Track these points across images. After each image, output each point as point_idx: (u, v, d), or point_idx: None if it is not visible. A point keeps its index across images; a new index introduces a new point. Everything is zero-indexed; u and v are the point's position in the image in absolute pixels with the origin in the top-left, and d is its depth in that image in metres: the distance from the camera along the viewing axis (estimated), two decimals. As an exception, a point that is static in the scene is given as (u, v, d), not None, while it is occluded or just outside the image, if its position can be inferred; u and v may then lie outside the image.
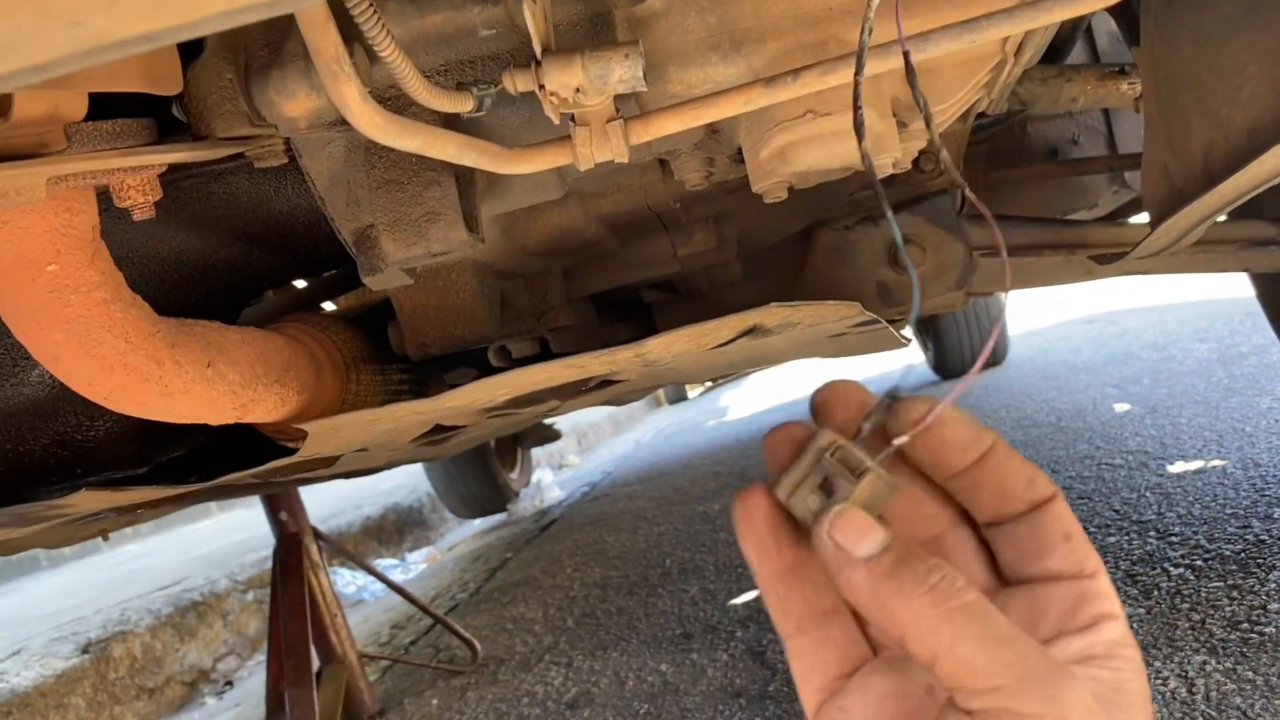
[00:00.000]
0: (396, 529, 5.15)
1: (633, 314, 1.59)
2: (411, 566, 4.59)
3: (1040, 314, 6.82)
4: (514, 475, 5.18)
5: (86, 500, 0.99)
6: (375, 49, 0.63)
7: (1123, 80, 1.34)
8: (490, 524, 5.19)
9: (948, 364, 4.84)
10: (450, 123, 0.83)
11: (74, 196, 0.80)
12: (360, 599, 4.04)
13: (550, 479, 5.46)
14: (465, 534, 5.24)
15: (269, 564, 4.05)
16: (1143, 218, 2.17)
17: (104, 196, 0.84)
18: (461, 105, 0.73)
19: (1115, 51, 1.71)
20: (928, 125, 0.76)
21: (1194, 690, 1.25)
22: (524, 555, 3.87)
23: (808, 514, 0.47)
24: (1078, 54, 1.70)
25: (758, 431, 5.49)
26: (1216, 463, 2.16)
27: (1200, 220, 1.07)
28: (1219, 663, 1.30)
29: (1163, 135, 1.14)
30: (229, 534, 5.66)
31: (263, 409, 0.99)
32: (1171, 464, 2.26)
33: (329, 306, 1.65)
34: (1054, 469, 2.55)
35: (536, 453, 5.93)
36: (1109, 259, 1.23)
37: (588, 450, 7.89)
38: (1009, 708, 0.40)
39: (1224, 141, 1.01)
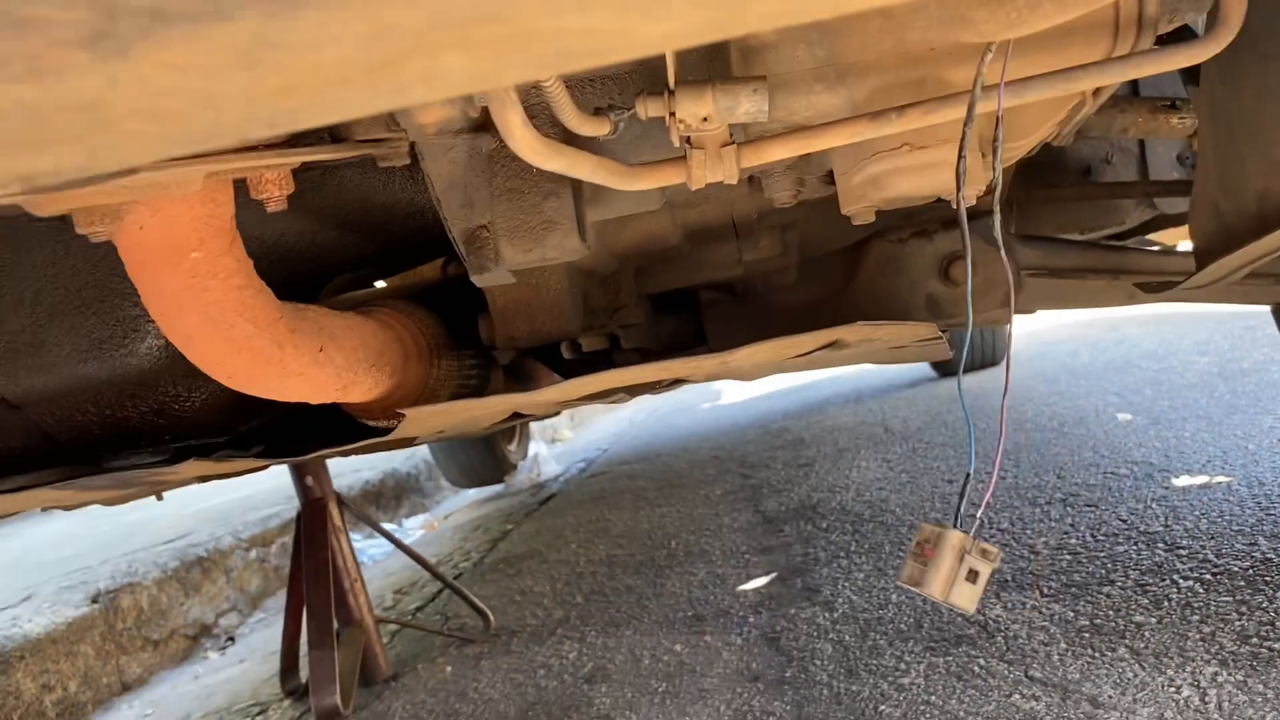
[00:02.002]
0: (395, 494, 5.21)
1: (678, 307, 1.64)
2: (409, 532, 4.65)
3: (1037, 316, 6.89)
4: (513, 448, 5.24)
5: (190, 470, 1.04)
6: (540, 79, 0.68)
7: (1173, 115, 1.40)
8: (485, 495, 5.25)
9: (952, 362, 4.93)
10: (572, 139, 0.88)
11: (218, 188, 0.84)
12: (360, 561, 4.09)
13: (546, 453, 5.51)
14: (461, 503, 5.30)
15: (271, 522, 4.11)
16: (1174, 237, 2.23)
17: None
18: (600, 130, 0.79)
19: (1153, 82, 1.76)
20: (994, 189, 0.81)
21: (1206, 700, 1.32)
22: (524, 528, 3.93)
23: (968, 604, 0.56)
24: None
25: (754, 417, 5.56)
26: (1221, 479, 2.23)
27: (1251, 261, 1.12)
28: (1230, 674, 1.37)
29: (1215, 173, 1.19)
30: (229, 490, 5.69)
31: (359, 390, 1.04)
32: (1177, 477, 2.33)
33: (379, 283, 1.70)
34: (1059, 474, 2.62)
35: (533, 426, 5.98)
36: (1154, 287, 1.29)
37: (580, 426, 7.94)
38: None
39: (1281, 189, 1.07)
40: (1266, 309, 2.04)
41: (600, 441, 6.56)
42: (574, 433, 7.50)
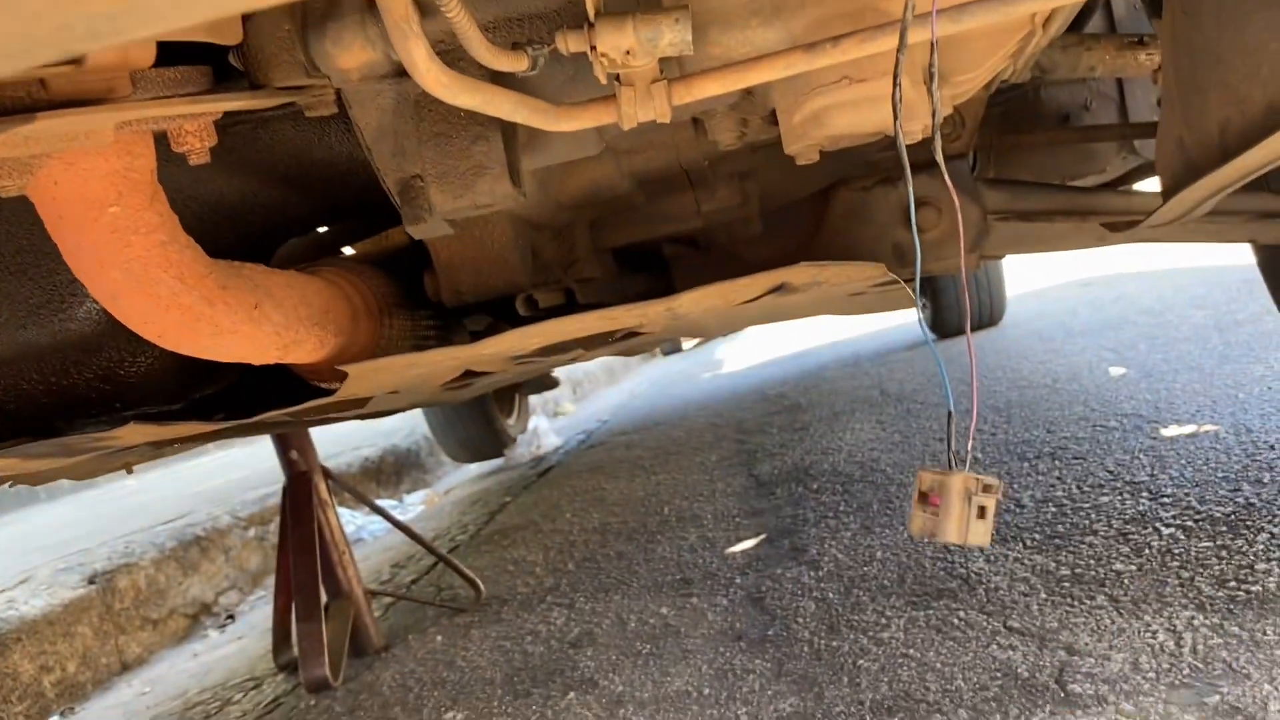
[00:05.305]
0: (394, 471, 5.21)
1: (648, 266, 1.62)
2: (409, 508, 4.65)
3: (1037, 276, 6.85)
4: (511, 421, 5.24)
5: (131, 434, 1.02)
6: (440, 5, 0.65)
7: (1141, 51, 1.36)
8: (486, 469, 5.25)
9: (944, 322, 4.90)
10: (498, 79, 0.86)
11: (135, 140, 0.82)
12: (359, 538, 4.10)
13: (546, 426, 5.51)
14: (462, 478, 5.30)
15: (269, 501, 4.11)
16: (1151, 185, 2.20)
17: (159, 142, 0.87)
18: (517, 64, 0.76)
19: (1131, 20, 1.73)
20: (934, 123, 0.79)
21: (1181, 643, 1.31)
22: (522, 500, 3.93)
23: (984, 540, 0.57)
24: (1095, 22, 1.72)
25: (753, 385, 5.55)
26: (1209, 427, 2.21)
27: (1213, 193, 1.10)
28: (1206, 618, 1.35)
29: (1179, 108, 1.17)
30: (226, 471, 5.72)
31: (303, 350, 1.03)
32: (1165, 427, 2.31)
33: (347, 251, 1.68)
34: (1049, 429, 2.60)
35: (533, 400, 5.98)
36: (1121, 226, 1.27)
37: (583, 399, 7.94)
38: None
39: (1241, 117, 1.04)
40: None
41: (601, 413, 6.56)
42: (575, 405, 7.49)
